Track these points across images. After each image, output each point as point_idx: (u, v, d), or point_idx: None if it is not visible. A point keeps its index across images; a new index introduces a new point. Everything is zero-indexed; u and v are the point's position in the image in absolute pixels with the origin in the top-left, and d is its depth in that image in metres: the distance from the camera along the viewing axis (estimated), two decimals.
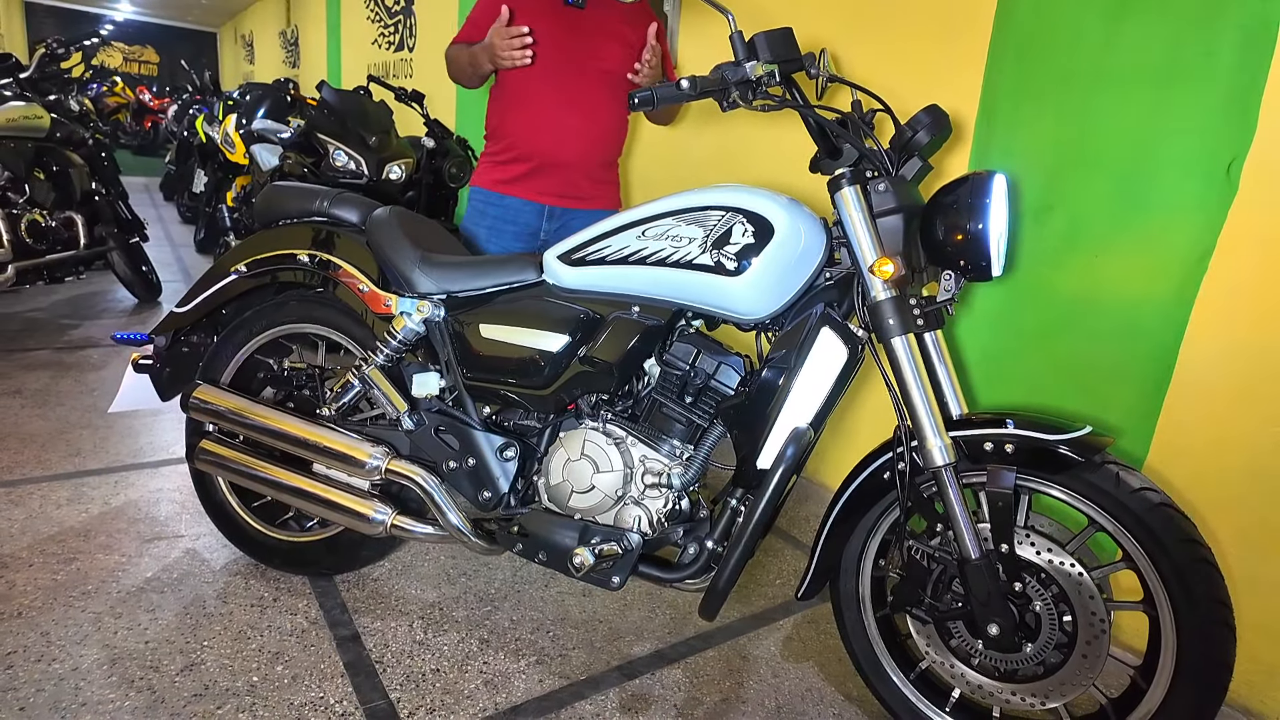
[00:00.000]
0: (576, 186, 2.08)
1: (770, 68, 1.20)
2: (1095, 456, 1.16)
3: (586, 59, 1.99)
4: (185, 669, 1.40)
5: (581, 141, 2.03)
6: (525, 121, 2.02)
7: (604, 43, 2.00)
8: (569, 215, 2.11)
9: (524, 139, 2.04)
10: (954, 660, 1.32)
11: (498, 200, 2.08)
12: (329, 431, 1.50)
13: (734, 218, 1.26)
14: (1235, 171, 1.47)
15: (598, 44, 1.99)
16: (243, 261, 1.64)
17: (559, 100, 1.99)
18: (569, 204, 2.10)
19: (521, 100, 2.02)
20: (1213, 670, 1.11)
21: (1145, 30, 1.57)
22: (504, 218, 2.07)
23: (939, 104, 1.95)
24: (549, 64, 1.97)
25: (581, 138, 2.03)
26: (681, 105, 2.16)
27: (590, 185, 2.11)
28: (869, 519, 1.38)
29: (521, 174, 2.05)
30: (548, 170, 2.04)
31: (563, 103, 1.99)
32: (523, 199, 2.06)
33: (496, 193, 2.08)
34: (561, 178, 2.06)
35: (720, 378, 1.35)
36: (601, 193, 2.14)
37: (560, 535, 1.37)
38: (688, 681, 1.50)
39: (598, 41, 1.99)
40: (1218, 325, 1.52)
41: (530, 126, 2.02)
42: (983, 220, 1.20)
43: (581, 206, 2.11)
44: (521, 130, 2.03)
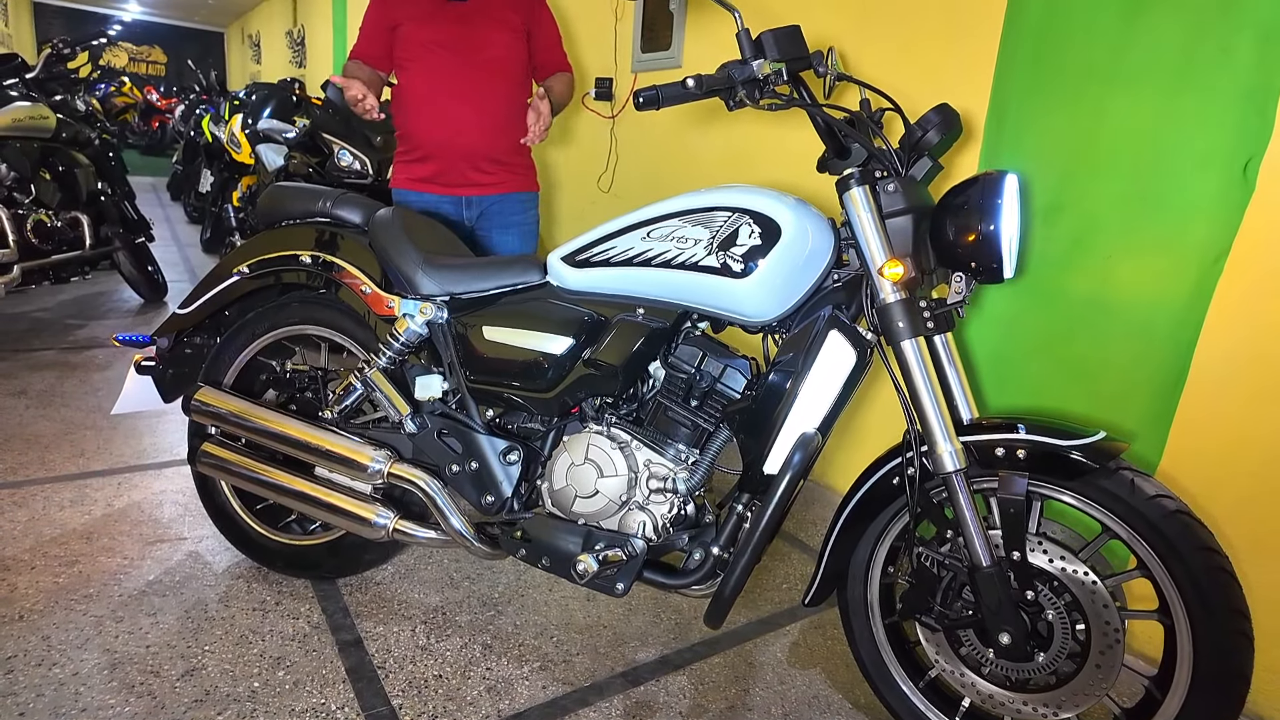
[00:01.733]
0: (485, 174, 2.15)
1: (778, 66, 1.18)
2: (1109, 462, 1.13)
3: (474, 51, 2.06)
4: (186, 674, 1.39)
5: (478, 131, 2.10)
6: (423, 120, 2.10)
7: (489, 32, 2.07)
8: (486, 201, 2.18)
9: (425, 137, 2.11)
10: (964, 669, 1.30)
11: (416, 198, 2.15)
12: (331, 434, 1.49)
13: (740, 218, 1.24)
14: (1252, 170, 1.44)
15: (484, 34, 2.06)
16: (245, 263, 1.63)
17: (451, 95, 2.06)
18: (482, 191, 2.17)
19: (418, 100, 2.09)
20: (1230, 681, 1.09)
21: (1160, 28, 1.54)
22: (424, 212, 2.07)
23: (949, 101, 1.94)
24: (438, 63, 2.05)
25: (477, 127, 2.09)
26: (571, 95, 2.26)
27: (499, 170, 2.17)
28: (878, 525, 1.36)
29: (430, 171, 2.13)
30: (452, 163, 2.12)
31: (455, 96, 2.06)
32: (438, 194, 2.15)
33: (414, 191, 2.16)
34: (466, 167, 2.13)
35: (726, 381, 1.33)
36: (514, 176, 2.21)
37: (563, 541, 1.35)
38: (693, 688, 1.48)
39: (483, 32, 2.06)
40: (1234, 327, 1.49)
41: (428, 123, 2.09)
42: (994, 221, 1.18)
43: (496, 191, 2.19)
44: (422, 128, 2.11)
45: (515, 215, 2.22)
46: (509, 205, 2.21)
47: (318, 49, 8.34)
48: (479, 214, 2.19)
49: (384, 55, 2.10)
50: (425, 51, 2.06)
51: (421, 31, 2.05)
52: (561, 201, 3.70)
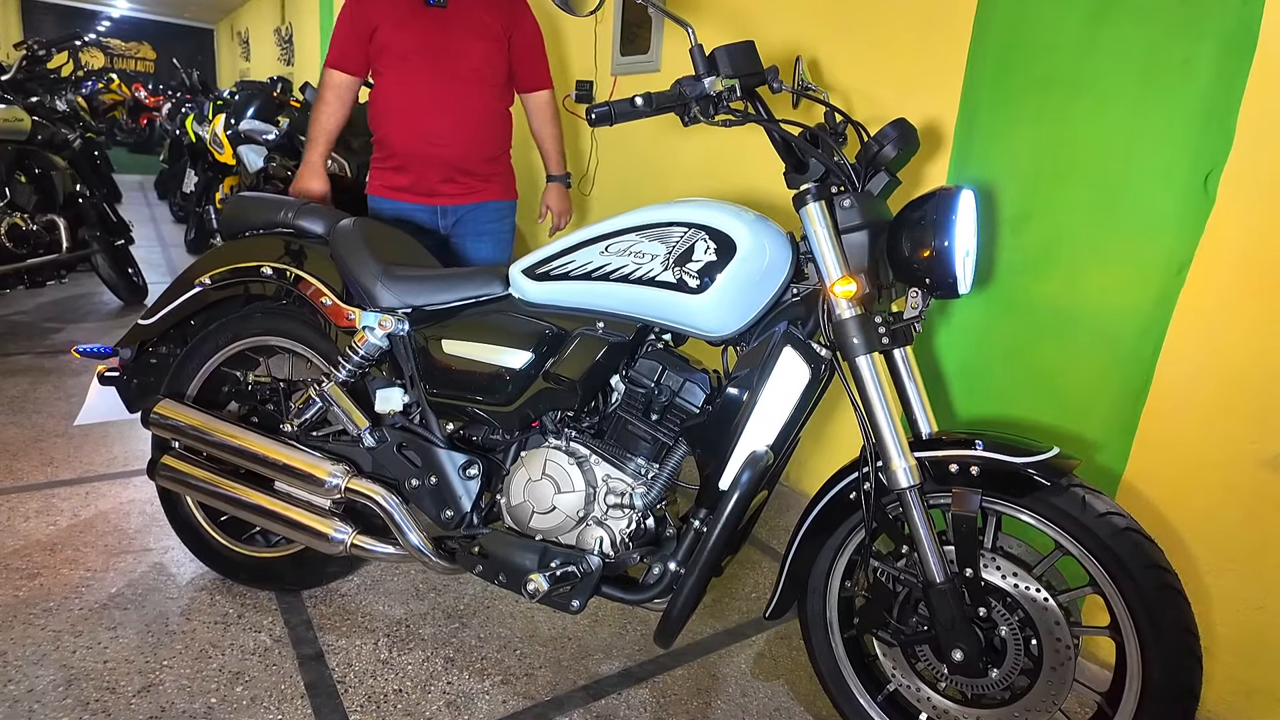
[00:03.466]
0: (459, 184, 2.15)
1: (730, 83, 1.18)
2: (1061, 479, 1.13)
3: (451, 59, 2.04)
4: (143, 690, 1.38)
5: (454, 140, 2.09)
6: (399, 127, 2.08)
7: (467, 40, 2.04)
8: (461, 210, 2.18)
9: (400, 145, 2.09)
10: (920, 684, 1.30)
11: (391, 205, 2.15)
12: (289, 449, 1.48)
13: (696, 234, 1.24)
14: (1213, 183, 1.44)
15: (461, 42, 2.04)
16: (207, 274, 1.62)
17: (427, 104, 2.05)
18: (457, 200, 2.16)
19: (394, 107, 2.08)
20: (1178, 698, 1.09)
21: (1124, 37, 1.54)
22: (399, 219, 2.15)
23: (920, 110, 1.95)
24: (416, 68, 2.04)
25: (453, 136, 2.08)
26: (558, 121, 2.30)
27: (474, 180, 2.16)
28: (836, 538, 1.36)
29: (406, 179, 2.13)
30: (427, 171, 2.11)
31: (431, 106, 2.05)
32: (413, 203, 2.14)
33: (389, 199, 2.16)
34: (441, 176, 2.12)
35: (685, 395, 1.33)
36: (490, 185, 2.20)
37: (519, 557, 1.35)
38: (654, 702, 1.48)
39: (461, 39, 2.04)
40: (1195, 339, 1.49)
41: (403, 131, 2.08)
42: (948, 237, 1.18)
43: (472, 200, 2.18)
44: (397, 136, 2.09)
45: (489, 224, 2.21)
46: (483, 214, 2.20)
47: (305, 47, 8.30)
48: (455, 220, 2.18)
49: (361, 61, 2.09)
50: (401, 59, 2.04)
51: (398, 38, 2.03)
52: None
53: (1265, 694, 1.44)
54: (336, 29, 2.09)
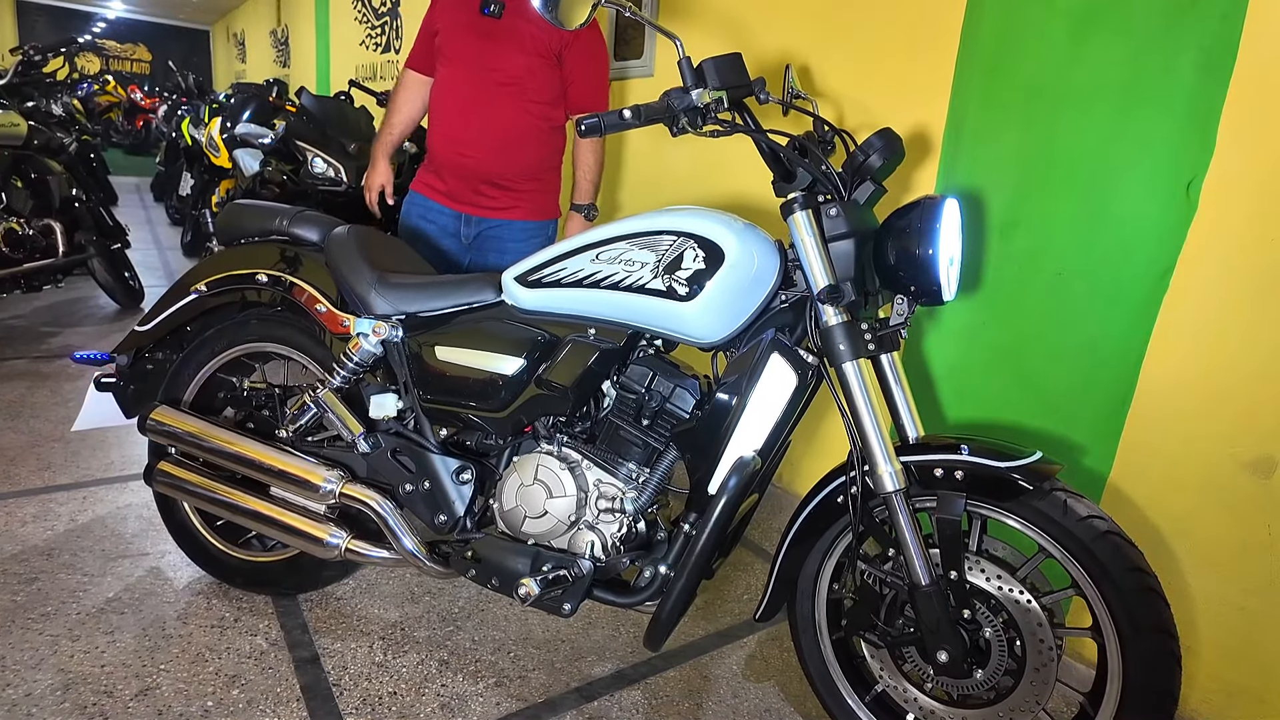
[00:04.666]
0: (485, 195, 2.13)
1: (718, 94, 1.19)
2: (1044, 484, 1.15)
3: (486, 69, 2.04)
4: (140, 694, 1.40)
5: (480, 150, 2.08)
6: (436, 131, 2.14)
7: (509, 52, 2.03)
8: (485, 224, 2.17)
9: (436, 147, 2.14)
10: (907, 685, 1.32)
11: (422, 202, 2.21)
12: (283, 454, 1.50)
13: (685, 243, 1.26)
14: (1194, 191, 1.47)
15: (503, 54, 2.03)
16: (202, 281, 1.64)
17: (460, 111, 2.07)
18: (482, 213, 2.15)
19: (436, 110, 2.14)
20: (1158, 699, 1.11)
21: (1107, 49, 1.56)
22: (426, 217, 2.19)
23: (910, 118, 1.97)
24: (459, 74, 2.06)
25: (480, 146, 2.07)
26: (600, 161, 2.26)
27: (503, 194, 2.14)
28: (824, 541, 1.38)
29: (437, 180, 2.17)
30: (454, 177, 2.13)
31: (464, 113, 2.07)
32: (440, 204, 2.16)
33: (423, 195, 2.21)
34: (466, 185, 2.13)
35: (676, 401, 1.34)
36: (522, 203, 2.16)
37: (511, 562, 1.37)
38: (646, 703, 1.50)
39: (503, 51, 2.03)
40: (1178, 344, 1.51)
41: (439, 135, 2.13)
42: (932, 245, 1.20)
43: (497, 216, 2.16)
44: (435, 138, 2.14)
45: (514, 243, 2.17)
46: (509, 232, 2.17)
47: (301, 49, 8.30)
48: (477, 233, 2.17)
49: (430, 61, 2.14)
50: (448, 64, 2.08)
51: (450, 42, 2.06)
52: None
53: (1248, 694, 1.46)
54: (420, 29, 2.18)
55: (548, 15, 1.15)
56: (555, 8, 1.16)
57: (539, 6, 1.15)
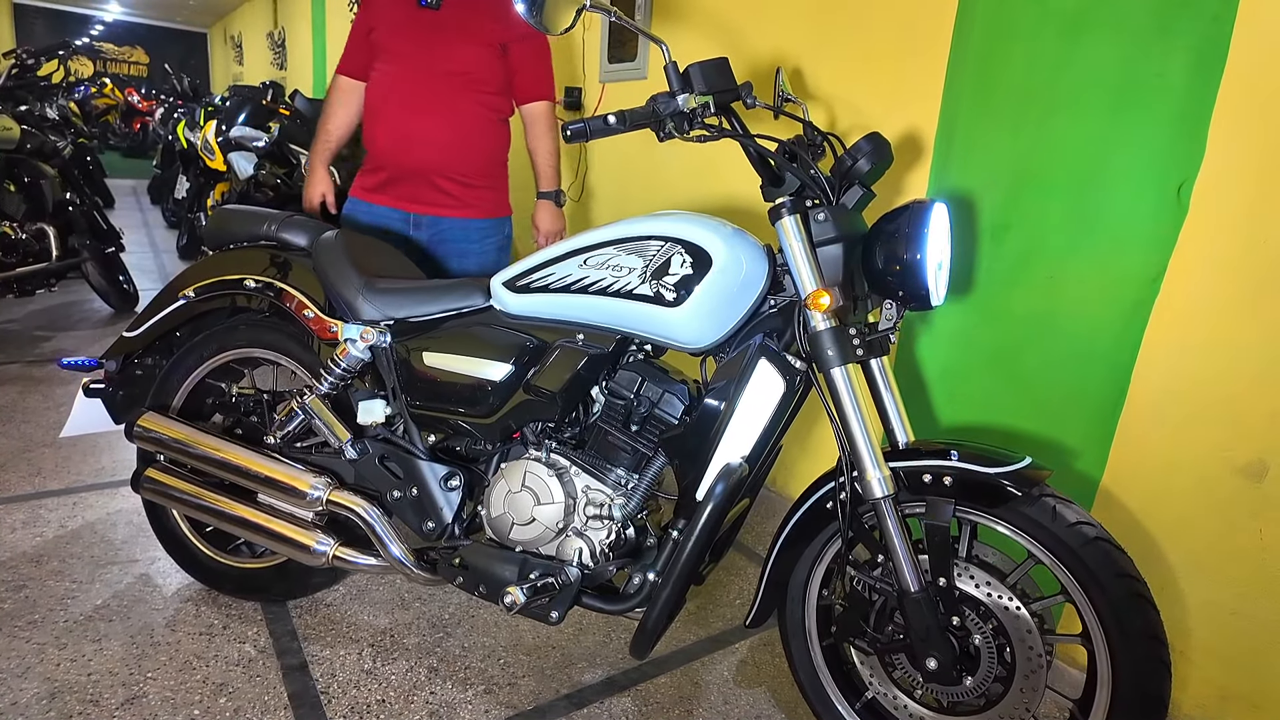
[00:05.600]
0: (438, 194, 2.06)
1: (704, 99, 1.19)
2: (1033, 490, 1.15)
3: (434, 62, 1.97)
4: (126, 702, 1.39)
5: (434, 147, 2.01)
6: (380, 129, 2.03)
7: (458, 44, 1.98)
8: (439, 224, 2.09)
9: (380, 147, 2.04)
10: (897, 692, 1.31)
11: (366, 209, 2.09)
12: (271, 461, 1.49)
13: (672, 248, 1.25)
14: (1186, 193, 1.46)
15: (451, 46, 1.97)
16: (191, 287, 1.63)
17: (408, 106, 1.99)
18: (435, 211, 2.08)
19: (377, 108, 2.03)
20: (1147, 706, 1.10)
21: (1098, 51, 1.56)
22: (373, 223, 2.10)
23: (901, 120, 1.96)
24: (396, 71, 1.98)
25: (433, 143, 2.01)
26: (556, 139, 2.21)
27: (459, 190, 2.07)
28: (814, 547, 1.37)
29: (382, 181, 2.06)
30: (403, 177, 2.04)
31: (412, 108, 1.99)
32: (387, 206, 2.07)
33: (365, 201, 2.10)
34: (418, 184, 2.04)
35: (664, 406, 1.34)
36: (476, 200, 2.10)
37: (499, 569, 1.36)
38: (637, 710, 1.49)
39: (451, 43, 1.97)
40: (1170, 348, 1.51)
41: (384, 133, 2.03)
42: (920, 250, 1.19)
43: (451, 214, 2.09)
44: (378, 138, 2.04)
45: (472, 244, 2.12)
46: (463, 232, 2.11)
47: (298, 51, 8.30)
48: (430, 234, 2.10)
49: (364, 64, 2.05)
50: (388, 61, 1.99)
51: (390, 39, 1.98)
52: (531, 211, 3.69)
53: (1240, 699, 1.46)
54: (350, 33, 2.09)
55: (531, 20, 1.14)
56: (539, 12, 1.15)
57: (523, 11, 1.15)
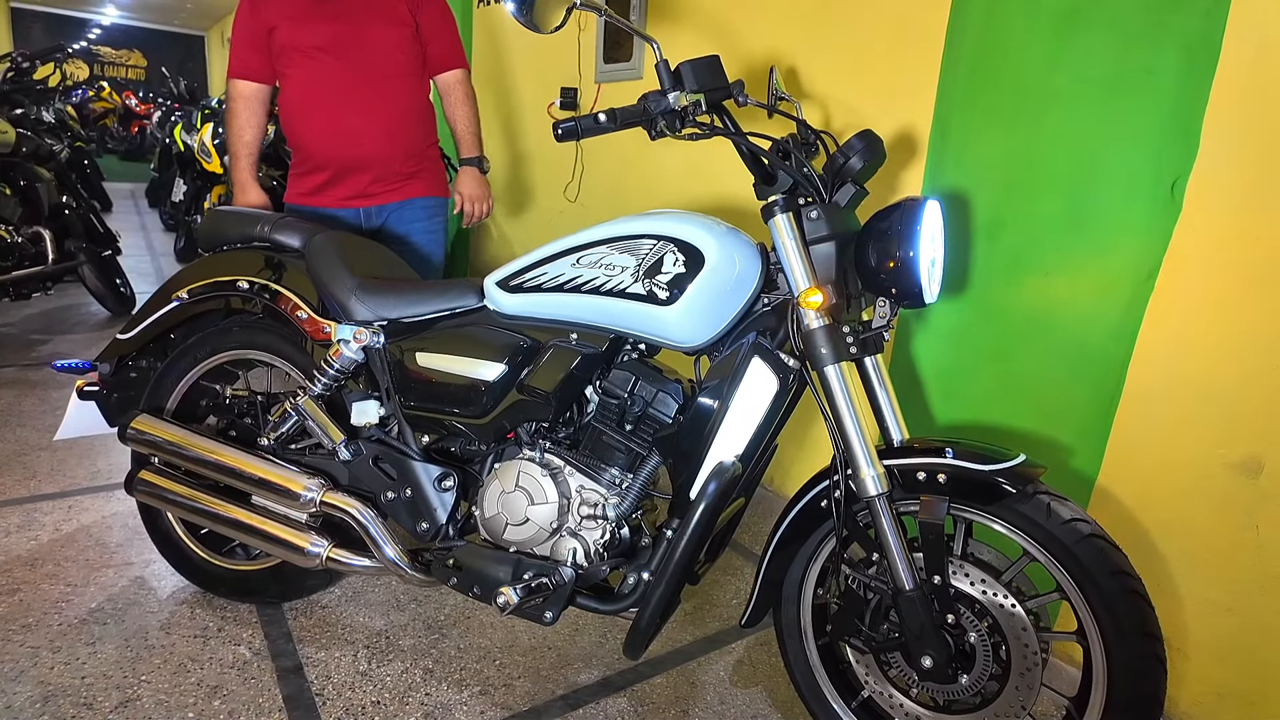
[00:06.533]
0: (382, 182, 2.03)
1: (696, 97, 1.19)
2: (1027, 486, 1.14)
3: (360, 50, 1.92)
4: (120, 705, 1.39)
5: (372, 139, 1.97)
6: (312, 131, 1.97)
7: (372, 29, 1.93)
8: (387, 210, 2.07)
9: (315, 148, 1.98)
10: (893, 690, 1.31)
11: (312, 214, 2.02)
12: (264, 463, 1.49)
13: (665, 246, 1.25)
14: (1179, 190, 1.46)
15: (369, 31, 1.92)
16: (184, 288, 1.63)
17: (338, 103, 1.94)
18: (381, 200, 2.05)
19: (303, 109, 1.96)
20: (1142, 704, 1.10)
21: (1091, 48, 1.55)
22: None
23: (896, 118, 1.96)
24: (320, 67, 1.91)
25: (371, 135, 1.97)
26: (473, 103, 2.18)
27: (399, 177, 2.05)
28: (809, 546, 1.37)
29: (322, 183, 2.01)
30: (346, 175, 2.00)
31: (342, 104, 1.94)
32: (333, 208, 2.02)
33: (307, 206, 2.04)
34: (363, 179, 2.01)
35: (658, 406, 1.33)
36: (414, 181, 2.08)
37: (492, 570, 1.35)
38: (632, 711, 1.49)
39: (364, 30, 1.92)
40: (1165, 344, 1.50)
41: (316, 135, 1.96)
42: (912, 248, 1.19)
43: (396, 198, 2.07)
44: (310, 140, 1.98)
45: (417, 222, 2.10)
46: (410, 212, 2.09)
47: None
48: (382, 222, 2.08)
49: (266, 66, 1.96)
50: (305, 57, 1.91)
51: (298, 34, 1.90)
52: (529, 212, 3.70)
53: (1237, 697, 1.45)
54: (233, 37, 1.97)
55: (521, 18, 1.14)
56: (529, 11, 1.15)
57: (513, 11, 1.14)
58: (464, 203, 2.16)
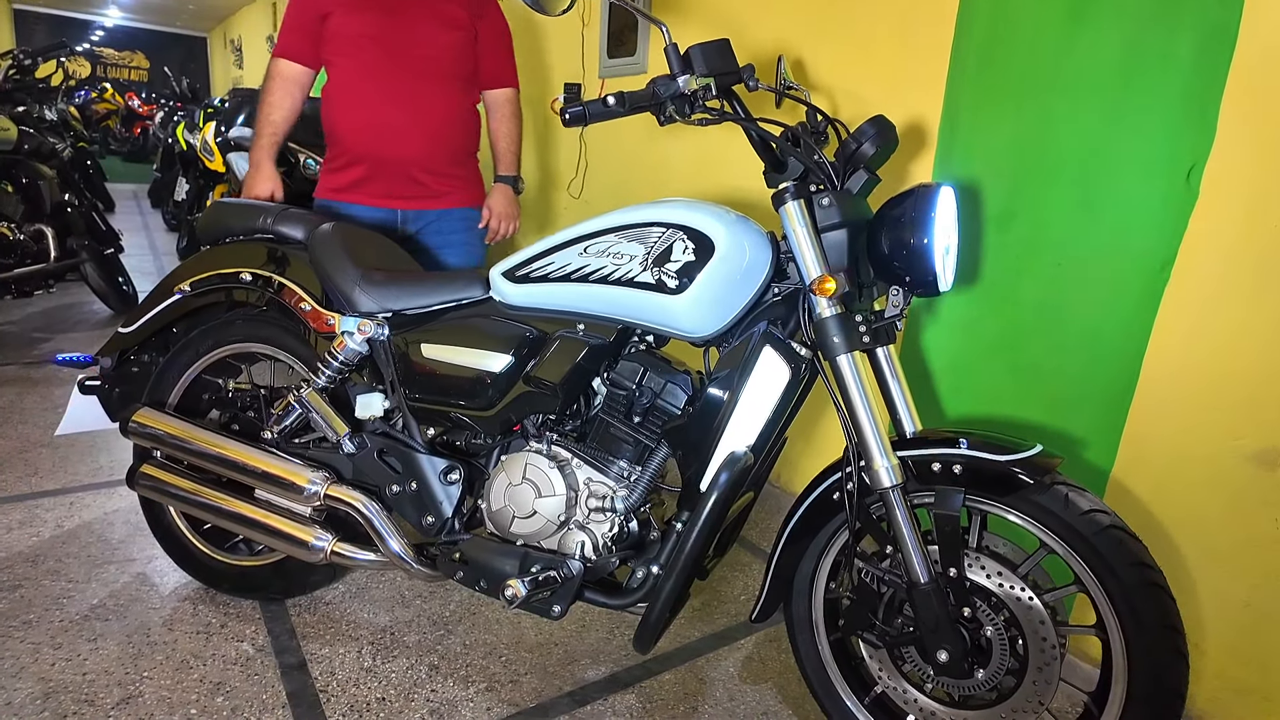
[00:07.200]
0: (420, 185, 1.99)
1: (706, 81, 1.17)
2: (1044, 477, 1.12)
3: (410, 50, 1.89)
4: (122, 702, 1.37)
5: (413, 139, 1.94)
6: (352, 123, 1.93)
7: (425, 28, 1.90)
8: (425, 217, 2.04)
9: (354, 142, 1.94)
10: (907, 686, 1.29)
11: (342, 209, 1.98)
12: (267, 456, 1.47)
13: (674, 234, 1.23)
14: (1195, 178, 1.43)
15: (418, 31, 1.89)
16: (186, 281, 1.61)
17: (383, 97, 1.90)
18: (418, 204, 2.01)
19: (346, 101, 1.93)
20: (1164, 698, 1.07)
21: (1103, 33, 1.53)
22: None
23: (905, 109, 1.94)
24: (368, 59, 1.89)
25: (412, 135, 1.93)
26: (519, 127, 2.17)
27: (437, 182, 2.02)
28: (820, 540, 1.34)
29: (359, 179, 1.96)
30: (384, 172, 1.96)
31: (386, 99, 1.90)
32: (368, 205, 1.98)
33: (339, 201, 1.99)
34: (400, 178, 1.97)
35: (667, 397, 1.31)
36: (454, 189, 2.06)
37: (499, 563, 1.33)
38: (640, 707, 1.47)
39: (418, 28, 1.89)
40: (1181, 335, 1.48)
41: (358, 128, 1.93)
42: (926, 234, 1.17)
43: (435, 206, 2.03)
44: (350, 133, 1.94)
45: (456, 234, 2.08)
46: (448, 223, 2.06)
47: None
48: (418, 230, 2.05)
49: (312, 50, 1.93)
50: (354, 46, 1.88)
51: (351, 23, 1.87)
52: (532, 210, 3.68)
53: (1255, 693, 1.43)
54: (286, 16, 1.94)
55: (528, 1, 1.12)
56: None
57: None
58: (492, 219, 2.14)
